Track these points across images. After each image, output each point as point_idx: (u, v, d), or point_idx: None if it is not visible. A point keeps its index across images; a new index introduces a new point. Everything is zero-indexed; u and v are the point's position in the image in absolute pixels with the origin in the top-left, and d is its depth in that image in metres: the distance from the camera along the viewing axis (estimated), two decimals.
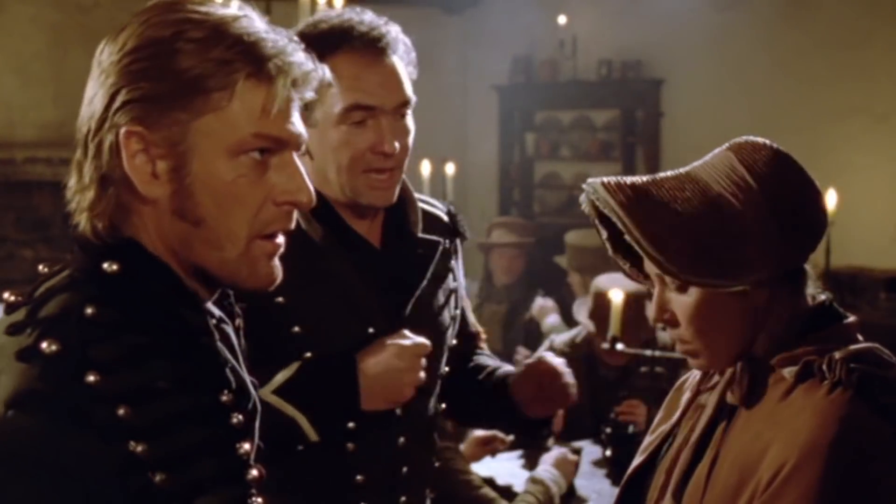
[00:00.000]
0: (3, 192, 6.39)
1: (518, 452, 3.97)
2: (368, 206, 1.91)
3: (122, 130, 1.15)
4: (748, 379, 1.51)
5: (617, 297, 3.82)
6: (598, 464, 3.73)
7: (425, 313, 1.98)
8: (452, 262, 2.10)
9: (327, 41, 1.82)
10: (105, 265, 1.16)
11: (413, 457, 1.99)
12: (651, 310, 1.56)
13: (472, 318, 2.25)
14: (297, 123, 1.22)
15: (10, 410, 1.07)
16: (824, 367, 1.44)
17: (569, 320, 5.21)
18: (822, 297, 1.55)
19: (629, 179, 1.49)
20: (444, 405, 2.13)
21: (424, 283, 1.97)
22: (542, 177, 8.79)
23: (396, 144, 1.86)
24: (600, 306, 4.11)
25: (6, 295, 1.18)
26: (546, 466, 3.49)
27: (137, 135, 1.15)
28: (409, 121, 1.92)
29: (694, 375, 1.71)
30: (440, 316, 2.03)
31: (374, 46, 1.85)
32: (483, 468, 3.65)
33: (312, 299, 1.87)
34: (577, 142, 8.53)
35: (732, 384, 1.53)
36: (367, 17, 1.87)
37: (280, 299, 1.80)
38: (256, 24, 1.21)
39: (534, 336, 5.83)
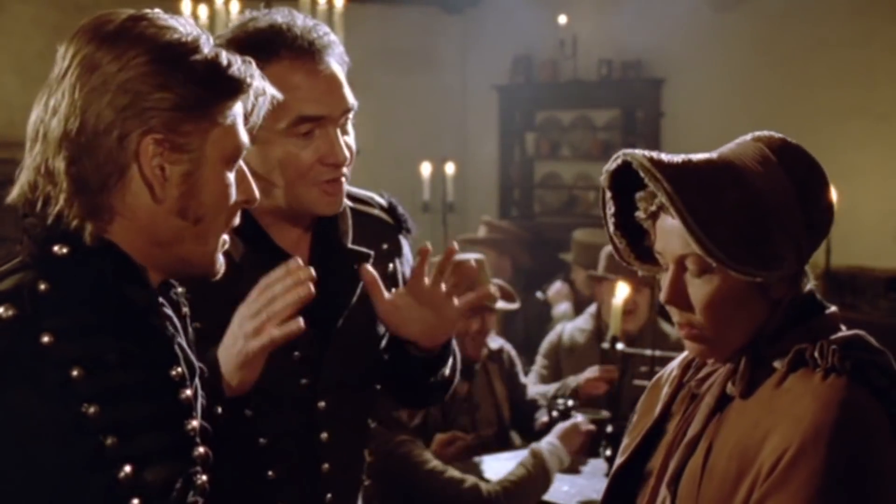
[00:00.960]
0: (4, 191, 6.39)
1: (518, 452, 3.97)
2: (317, 215, 1.83)
3: (146, 137, 1.24)
4: (750, 370, 1.51)
5: (617, 297, 3.83)
6: (599, 463, 3.72)
7: (356, 329, 1.86)
8: (392, 265, 1.98)
9: (261, 47, 1.73)
10: (55, 248, 1.24)
11: (339, 481, 1.90)
12: (664, 291, 1.54)
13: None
14: None
15: None
16: (816, 354, 1.45)
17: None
18: (809, 286, 1.56)
19: (669, 158, 1.48)
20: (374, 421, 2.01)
21: (354, 299, 1.87)
22: (543, 177, 8.79)
23: (344, 154, 1.79)
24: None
25: None
26: (550, 438, 3.48)
27: (157, 140, 1.25)
28: (350, 125, 1.84)
29: (670, 370, 1.71)
30: (374, 328, 1.90)
31: (311, 51, 1.76)
32: (484, 468, 3.65)
33: (229, 323, 1.74)
34: (577, 142, 8.53)
35: (733, 376, 1.53)
36: (298, 20, 1.79)
37: (196, 325, 1.68)
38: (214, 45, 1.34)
39: (533, 332, 5.84)
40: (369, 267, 1.83)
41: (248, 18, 1.80)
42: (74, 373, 1.18)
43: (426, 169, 6.49)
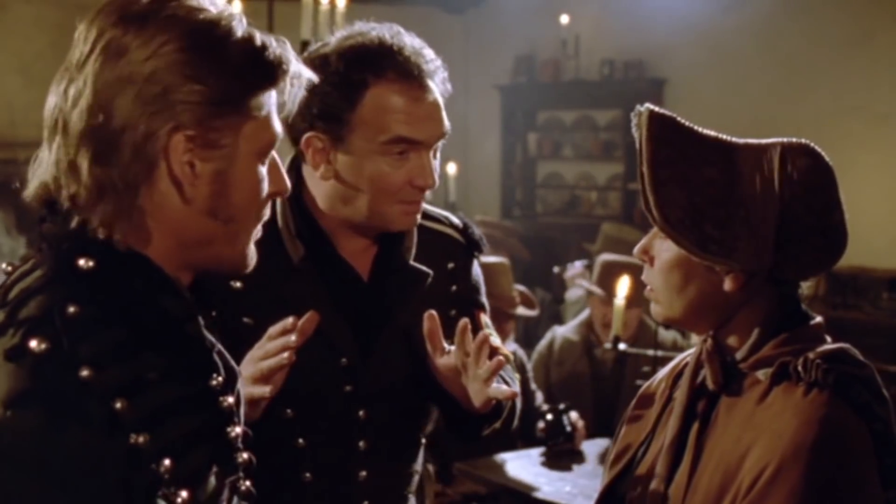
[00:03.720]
0: (5, 191, 6.39)
1: (520, 452, 3.97)
2: (393, 230, 1.85)
3: (177, 133, 1.14)
4: (718, 364, 1.51)
5: (619, 297, 3.83)
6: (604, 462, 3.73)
7: (405, 345, 1.85)
8: (455, 286, 1.97)
9: (369, 62, 1.76)
10: (81, 262, 1.14)
11: (376, 490, 1.88)
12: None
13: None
14: None
15: (8, 410, 1.06)
16: (800, 368, 1.44)
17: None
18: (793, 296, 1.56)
19: (682, 123, 1.50)
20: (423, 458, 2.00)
21: (406, 315, 1.86)
22: (545, 177, 8.80)
23: (433, 179, 1.81)
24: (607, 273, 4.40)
25: None
26: None
27: (188, 137, 1.15)
28: (439, 149, 1.88)
29: (658, 380, 1.70)
30: (426, 349, 1.85)
31: (419, 76, 1.79)
32: (483, 468, 3.65)
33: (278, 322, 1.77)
34: (579, 141, 8.54)
35: (698, 376, 1.54)
36: (406, 40, 1.81)
37: (248, 320, 1.73)
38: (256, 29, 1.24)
39: (532, 331, 5.84)
40: (434, 314, 1.77)
41: (356, 31, 1.82)
42: (118, 405, 1.09)
43: None
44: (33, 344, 1.08)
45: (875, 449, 1.41)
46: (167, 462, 1.13)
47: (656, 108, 1.50)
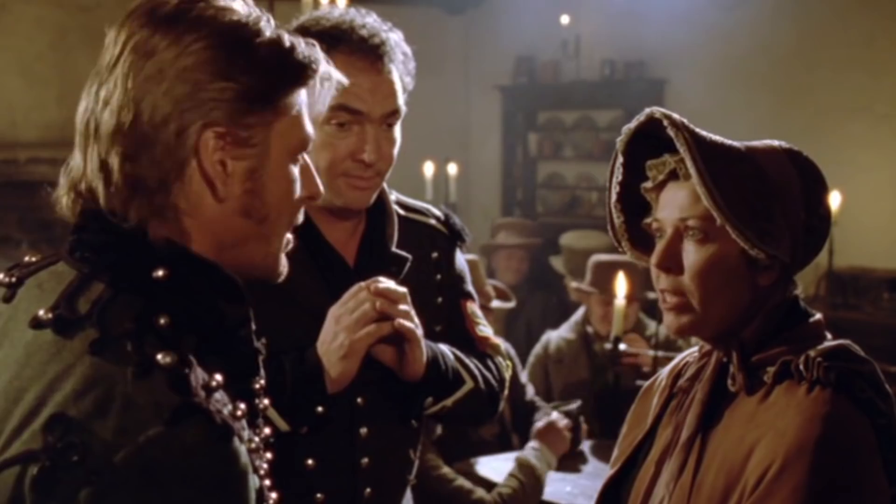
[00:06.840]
0: (7, 192, 6.40)
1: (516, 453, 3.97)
2: (344, 207, 1.88)
3: (207, 130, 1.15)
4: (743, 364, 1.51)
5: (619, 296, 3.82)
6: (601, 464, 3.72)
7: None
8: (440, 275, 2.03)
9: (326, 38, 1.78)
10: (155, 273, 1.14)
11: (378, 477, 1.93)
12: (655, 254, 1.53)
13: (480, 328, 2.10)
14: None
15: (171, 427, 1.04)
16: (801, 366, 1.44)
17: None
18: (796, 291, 1.56)
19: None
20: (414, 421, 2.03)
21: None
22: (545, 177, 8.80)
23: (375, 155, 1.83)
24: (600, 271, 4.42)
25: (41, 312, 1.13)
26: (532, 444, 3.47)
27: (218, 134, 1.15)
28: (396, 132, 1.89)
29: (660, 378, 1.70)
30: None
31: (372, 52, 1.82)
32: (483, 467, 3.65)
33: (278, 313, 1.81)
34: (579, 142, 8.54)
35: (721, 371, 1.54)
36: (369, 21, 1.85)
37: None
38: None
39: (535, 333, 5.83)
40: None
41: (324, 13, 1.87)
42: (238, 412, 1.10)
43: (429, 169, 6.49)
44: (159, 357, 1.07)
45: (879, 444, 1.41)
46: (265, 465, 1.17)
47: (671, 114, 1.50)
